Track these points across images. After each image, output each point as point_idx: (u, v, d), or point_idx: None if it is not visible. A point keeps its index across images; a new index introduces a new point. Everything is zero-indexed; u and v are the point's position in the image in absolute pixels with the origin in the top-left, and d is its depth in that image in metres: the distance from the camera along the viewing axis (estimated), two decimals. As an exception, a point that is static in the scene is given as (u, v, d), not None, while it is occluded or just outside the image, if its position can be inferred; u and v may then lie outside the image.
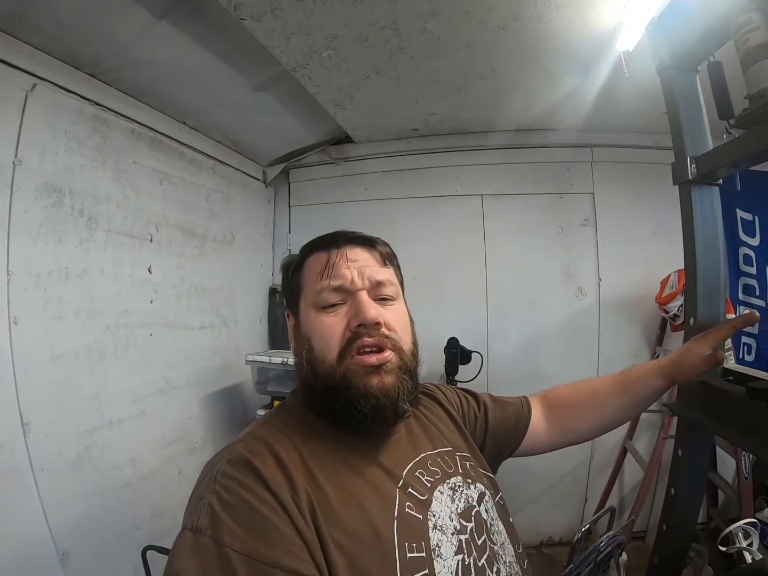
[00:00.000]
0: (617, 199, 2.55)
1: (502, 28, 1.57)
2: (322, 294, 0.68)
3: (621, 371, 0.97)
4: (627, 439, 2.50)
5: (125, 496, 1.61)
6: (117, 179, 1.73)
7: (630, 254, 2.51)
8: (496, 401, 0.96)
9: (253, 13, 1.41)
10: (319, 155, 2.71)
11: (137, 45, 1.52)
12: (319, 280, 0.69)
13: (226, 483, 0.55)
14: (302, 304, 0.71)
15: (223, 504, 0.53)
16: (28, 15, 1.30)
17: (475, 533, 0.66)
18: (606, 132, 2.50)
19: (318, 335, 0.68)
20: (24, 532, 1.27)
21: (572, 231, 2.56)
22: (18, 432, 1.31)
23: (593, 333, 2.52)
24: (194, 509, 0.54)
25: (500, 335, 2.56)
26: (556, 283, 2.55)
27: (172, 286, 2.00)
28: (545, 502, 2.55)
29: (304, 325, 0.70)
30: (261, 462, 0.57)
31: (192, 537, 0.52)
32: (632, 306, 2.51)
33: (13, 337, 1.34)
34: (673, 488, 1.00)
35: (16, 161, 1.36)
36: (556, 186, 2.58)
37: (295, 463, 0.60)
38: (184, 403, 2.00)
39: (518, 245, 2.57)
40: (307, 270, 0.72)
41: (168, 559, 0.52)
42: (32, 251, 1.41)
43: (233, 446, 0.61)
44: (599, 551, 1.08)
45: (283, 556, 0.50)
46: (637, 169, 2.48)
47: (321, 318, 0.68)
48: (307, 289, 0.71)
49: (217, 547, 0.50)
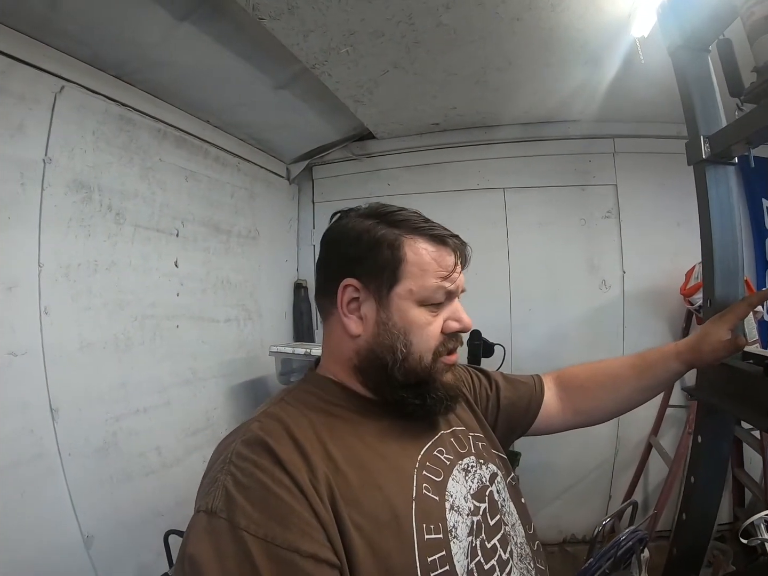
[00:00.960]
0: (640, 190, 2.47)
1: (516, 19, 1.54)
2: (436, 293, 0.65)
3: (638, 353, 0.93)
4: (652, 434, 2.42)
5: (149, 483, 1.64)
6: (144, 176, 1.76)
7: (654, 246, 2.43)
8: (508, 380, 0.94)
9: (270, 12, 1.41)
10: (341, 152, 2.71)
11: (160, 47, 1.55)
12: (437, 279, 0.65)
13: (242, 464, 0.53)
14: (398, 290, 0.65)
15: (238, 486, 0.51)
16: (55, 20, 1.33)
17: (488, 514, 0.65)
18: (628, 122, 2.42)
19: (419, 332, 0.65)
20: (50, 514, 1.31)
21: (595, 223, 2.50)
22: (47, 417, 1.35)
23: (617, 326, 2.45)
24: (208, 491, 0.52)
25: (523, 328, 2.51)
26: (579, 276, 2.49)
27: (198, 280, 2.03)
28: (568, 498, 2.50)
29: (398, 316, 0.65)
30: (277, 443, 0.55)
31: (207, 520, 0.50)
32: (657, 298, 2.43)
33: (43, 327, 1.37)
34: (693, 476, 0.97)
35: (46, 159, 1.40)
36: (579, 178, 2.51)
37: (313, 443, 0.57)
38: (210, 394, 2.02)
39: (541, 238, 2.52)
40: (414, 258, 0.65)
41: (182, 542, 0.51)
42: (62, 244, 1.45)
43: (248, 426, 0.59)
44: (619, 546, 1.04)
45: (300, 540, 0.49)
46: (660, 160, 2.39)
47: (425, 316, 0.65)
48: (411, 280, 0.64)
49: (232, 530, 0.48)
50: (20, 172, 1.32)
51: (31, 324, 1.35)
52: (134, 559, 1.52)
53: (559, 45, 1.69)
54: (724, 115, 0.94)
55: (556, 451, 2.42)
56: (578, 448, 2.44)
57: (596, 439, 2.43)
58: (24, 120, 1.33)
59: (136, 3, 1.34)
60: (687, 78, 0.95)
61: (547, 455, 2.41)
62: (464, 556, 0.58)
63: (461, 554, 0.58)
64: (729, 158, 0.92)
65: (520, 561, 0.66)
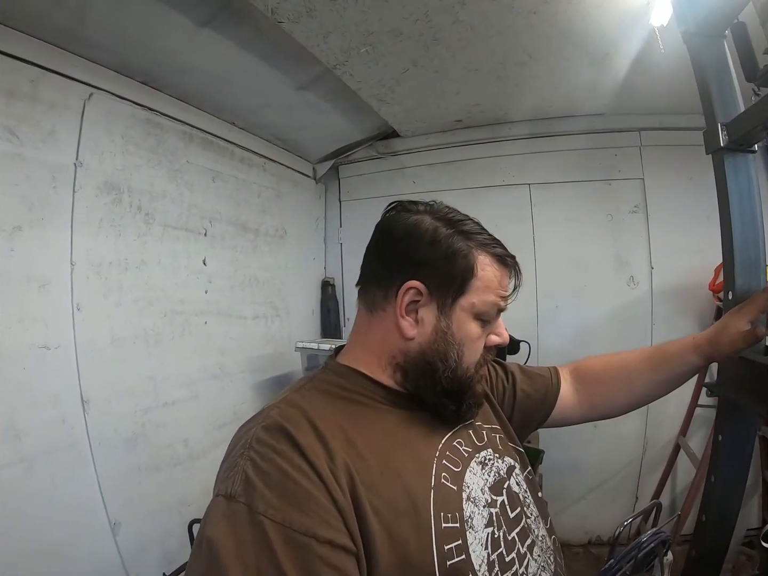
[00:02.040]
0: (668, 183, 2.35)
1: (533, 12, 1.50)
2: (491, 310, 0.66)
3: (656, 346, 0.91)
4: (680, 435, 2.31)
5: (176, 474, 1.68)
6: (172, 177, 1.80)
7: (683, 241, 2.31)
8: (525, 372, 0.92)
9: (289, 15, 1.42)
10: (367, 150, 2.69)
11: (184, 53, 1.58)
12: (497, 297, 0.66)
13: (261, 450, 0.53)
14: (462, 302, 0.64)
15: (257, 471, 0.51)
16: (82, 31, 1.38)
17: (507, 507, 0.65)
18: (653, 114, 2.31)
19: (471, 345, 0.66)
20: (79, 501, 1.35)
21: (622, 218, 2.40)
22: (78, 408, 1.40)
23: (646, 323, 2.35)
24: (227, 476, 0.52)
25: (549, 325, 2.45)
26: (607, 272, 2.41)
27: (226, 278, 2.06)
28: (594, 499, 2.42)
29: (456, 326, 0.65)
30: (297, 429, 0.55)
31: (225, 504, 0.50)
32: (686, 295, 2.32)
33: (75, 322, 1.43)
34: (713, 476, 0.92)
35: (77, 163, 1.45)
36: (604, 172, 2.42)
37: (333, 430, 0.57)
38: (237, 389, 2.05)
39: (567, 234, 2.44)
40: (482, 272, 0.65)
41: (200, 526, 0.51)
42: (93, 244, 1.50)
43: (267, 412, 0.59)
44: (641, 548, 0.98)
45: (317, 525, 0.48)
46: (687, 152, 2.25)
47: (477, 329, 0.66)
48: (474, 293, 0.65)
49: (251, 515, 0.48)
50: (52, 176, 1.38)
51: (64, 320, 1.40)
52: (159, 547, 1.55)
53: (578, 37, 1.64)
54: (741, 101, 0.90)
55: (582, 450, 2.35)
56: (605, 448, 2.38)
57: (624, 438, 2.36)
58: (55, 126, 1.38)
59: (159, 12, 1.37)
60: (702, 65, 0.91)
61: (573, 454, 2.35)
62: (482, 546, 0.58)
63: (477, 544, 0.58)
64: (748, 145, 0.87)
65: (541, 554, 0.66)
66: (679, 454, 2.32)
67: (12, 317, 1.26)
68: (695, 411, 2.27)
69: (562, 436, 2.30)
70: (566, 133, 2.42)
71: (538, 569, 0.63)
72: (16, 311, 1.27)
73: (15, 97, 1.27)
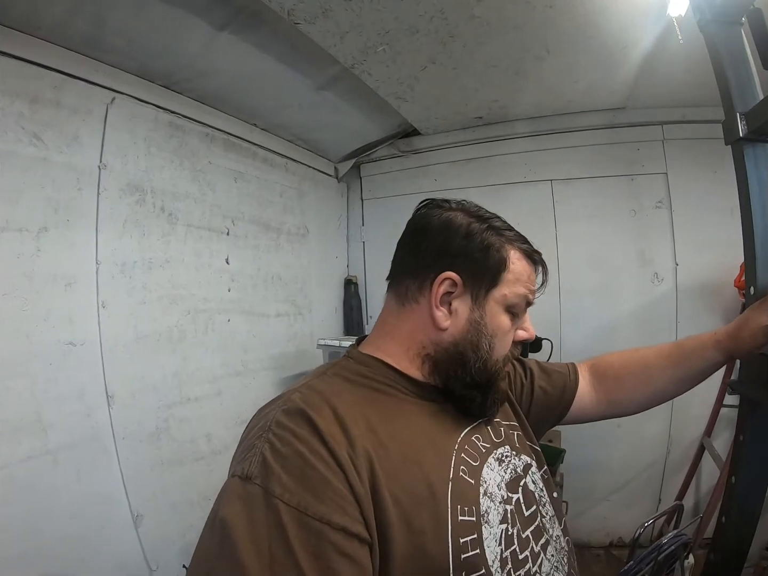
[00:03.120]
0: (692, 178, 2.25)
1: (549, 7, 1.46)
2: (521, 303, 0.67)
3: (675, 342, 0.88)
4: (705, 435, 2.21)
5: (198, 468, 1.69)
6: (194, 178, 1.82)
7: (707, 236, 2.21)
8: (543, 369, 0.91)
9: (305, 16, 1.42)
10: (388, 149, 2.67)
11: (203, 56, 1.59)
12: (527, 290, 0.67)
13: (280, 433, 0.52)
14: (495, 293, 0.65)
15: (275, 454, 0.50)
16: (104, 37, 1.40)
17: (523, 504, 0.64)
18: (675, 107, 2.22)
19: (501, 338, 0.66)
20: (103, 493, 1.38)
21: (646, 214, 2.31)
22: (103, 403, 1.42)
23: (670, 320, 2.26)
24: (244, 457, 0.51)
25: (573, 322, 2.37)
26: (630, 269, 2.32)
27: (248, 276, 2.07)
28: (617, 500, 2.33)
29: (489, 317, 0.65)
30: (318, 414, 0.54)
31: (241, 484, 0.49)
32: (711, 291, 2.21)
33: (101, 319, 1.45)
34: (734, 476, 0.87)
35: (101, 165, 1.48)
36: (627, 168, 2.34)
37: (354, 416, 0.56)
38: (260, 386, 2.06)
39: (590, 230, 2.36)
40: (513, 266, 0.66)
41: (214, 504, 0.50)
42: (118, 244, 1.53)
43: (289, 396, 0.57)
44: (661, 550, 0.95)
45: (332, 512, 0.47)
46: (710, 145, 2.14)
47: (508, 322, 0.67)
48: (506, 286, 0.65)
49: (266, 497, 0.47)
50: (77, 178, 1.40)
51: (89, 317, 1.43)
52: (180, 539, 1.57)
53: (596, 31, 1.59)
54: (760, 90, 0.86)
55: (605, 450, 2.29)
56: (629, 448, 2.30)
57: (647, 438, 2.28)
58: (79, 130, 1.41)
59: (177, 16, 1.38)
60: (719, 53, 0.87)
61: (595, 454, 2.28)
62: (496, 542, 0.57)
63: (492, 540, 0.57)
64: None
65: (555, 554, 0.64)
66: (703, 456, 2.23)
67: (39, 315, 1.29)
68: (720, 411, 2.18)
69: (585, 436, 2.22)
70: (587, 128, 2.35)
71: (551, 569, 0.62)
72: (43, 309, 1.30)
73: (39, 103, 1.30)
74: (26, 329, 1.25)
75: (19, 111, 1.25)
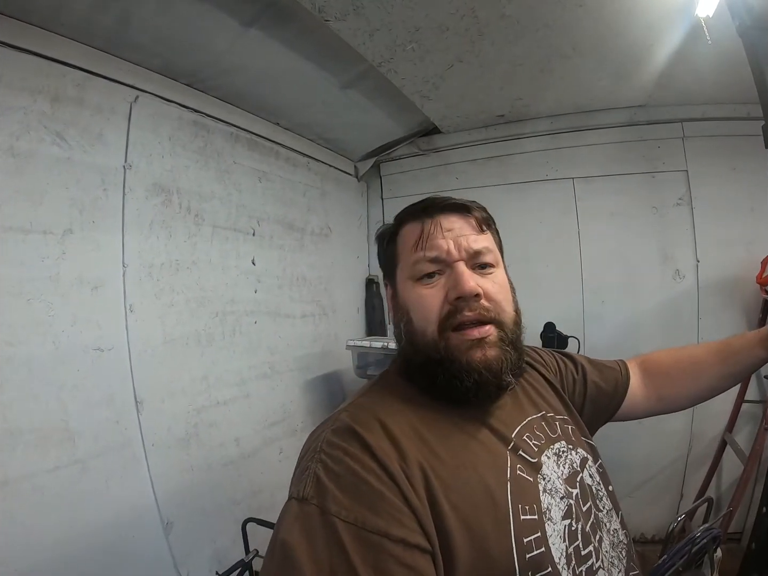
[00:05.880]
0: (712, 175, 2.20)
1: (579, 6, 1.43)
2: (417, 265, 0.63)
3: (722, 340, 0.88)
4: (726, 431, 2.16)
5: (228, 473, 1.62)
6: (219, 178, 1.75)
7: (728, 233, 2.18)
8: (594, 364, 0.88)
9: (336, 13, 1.36)
10: (408, 147, 2.58)
11: (229, 53, 1.52)
12: (414, 251, 0.64)
13: (332, 452, 0.52)
14: (399, 275, 0.67)
15: (328, 473, 0.50)
16: (128, 34, 1.33)
17: (581, 499, 0.62)
18: (695, 105, 2.19)
19: (416, 307, 0.63)
20: (133, 500, 1.31)
21: (667, 211, 2.26)
22: (132, 409, 1.35)
23: (692, 317, 2.21)
24: (300, 479, 0.51)
25: (596, 320, 2.31)
26: (652, 266, 2.27)
27: (274, 277, 2.00)
28: (639, 496, 2.26)
29: (401, 297, 0.66)
30: (367, 430, 0.53)
31: (298, 506, 0.49)
32: (732, 288, 2.18)
33: (129, 324, 1.38)
34: None
35: (126, 165, 1.41)
36: (648, 165, 2.28)
37: (404, 429, 0.55)
38: (286, 387, 1.99)
39: (612, 228, 2.30)
40: (402, 240, 0.67)
41: (274, 529, 0.50)
42: (145, 245, 1.46)
43: (337, 416, 0.58)
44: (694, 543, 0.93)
45: (389, 525, 0.47)
46: (731, 142, 2.15)
47: (418, 290, 0.63)
48: (402, 261, 0.66)
49: (323, 516, 0.47)
50: (102, 179, 1.34)
51: (117, 321, 1.36)
52: (210, 546, 1.50)
53: (624, 29, 1.56)
54: None
55: (627, 447, 2.21)
56: (651, 444, 2.24)
57: (669, 434, 2.22)
58: (102, 129, 1.34)
59: (204, 12, 1.31)
60: (759, 58, 0.88)
61: (618, 451, 2.20)
62: (560, 539, 0.55)
63: (556, 537, 0.55)
64: None
65: (612, 549, 0.62)
66: (725, 451, 2.17)
67: (66, 320, 1.22)
68: (742, 407, 2.14)
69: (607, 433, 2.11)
70: (608, 126, 2.30)
71: (609, 564, 0.60)
72: (69, 314, 1.23)
73: (61, 102, 1.23)
74: (53, 335, 1.18)
75: (41, 110, 1.18)
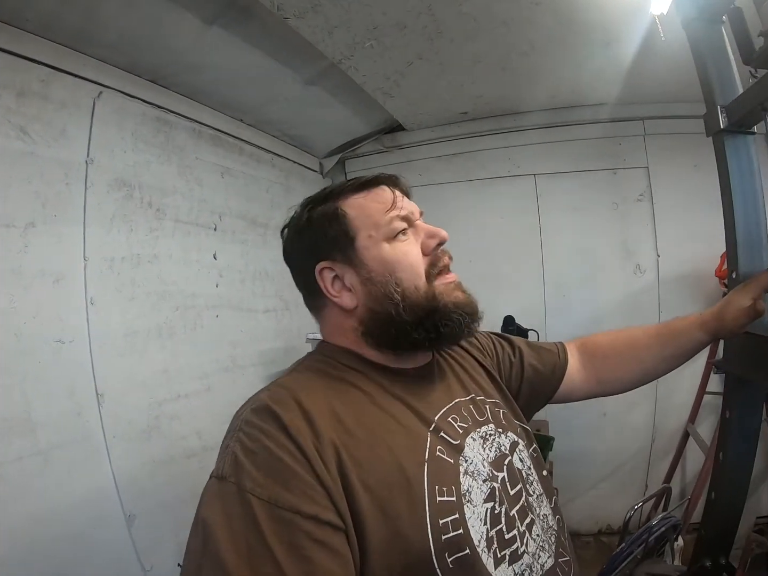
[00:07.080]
0: (673, 171, 2.33)
1: (536, 4, 1.49)
2: (392, 224, 0.64)
3: (663, 323, 0.89)
4: (689, 422, 2.28)
5: (190, 466, 1.65)
6: (182, 173, 1.77)
7: (689, 228, 2.28)
8: (531, 347, 0.90)
9: (295, 11, 1.41)
10: (373, 144, 2.65)
11: (192, 51, 1.55)
12: (386, 212, 0.64)
13: (249, 431, 0.54)
14: (363, 243, 0.64)
15: (245, 451, 0.52)
16: (92, 31, 1.35)
17: (508, 483, 0.63)
18: (656, 103, 2.29)
19: (403, 265, 0.64)
20: (95, 493, 1.34)
21: (628, 207, 2.38)
22: (93, 401, 1.38)
23: (653, 311, 2.33)
24: (220, 458, 0.54)
25: (557, 314, 2.42)
26: (613, 261, 2.38)
27: (236, 272, 2.03)
28: (604, 488, 2.39)
29: (374, 263, 0.64)
30: (283, 409, 0.55)
31: (217, 484, 0.51)
32: (693, 282, 2.29)
33: (90, 316, 1.41)
34: (722, 453, 0.90)
35: (88, 160, 1.43)
36: (610, 162, 2.40)
37: (321, 408, 0.56)
38: (249, 381, 2.03)
39: (574, 223, 2.41)
40: (355, 211, 0.65)
41: (197, 507, 0.51)
42: (106, 239, 1.48)
43: (257, 396, 0.59)
44: (651, 532, 0.99)
45: (301, 502, 0.49)
46: (691, 140, 2.20)
47: (398, 247, 0.64)
48: (367, 229, 0.64)
49: (239, 493, 0.49)
50: (65, 173, 1.36)
51: (78, 313, 1.38)
52: (173, 538, 1.53)
53: (579, 27, 1.61)
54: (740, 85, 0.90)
55: (591, 440, 2.33)
56: (614, 437, 2.35)
57: (633, 427, 2.33)
58: (66, 125, 1.36)
59: (167, 9, 1.34)
60: (702, 50, 0.92)
61: (582, 443, 2.33)
62: (481, 522, 0.57)
63: (476, 519, 0.56)
64: (747, 127, 0.88)
65: (541, 533, 0.63)
66: (688, 442, 2.28)
67: (28, 312, 1.24)
68: (704, 398, 2.24)
69: (572, 425, 2.27)
70: (571, 123, 2.39)
71: (537, 549, 0.61)
72: (31, 306, 1.25)
73: (26, 97, 1.25)
74: (15, 326, 1.20)
75: (6, 105, 1.20)
